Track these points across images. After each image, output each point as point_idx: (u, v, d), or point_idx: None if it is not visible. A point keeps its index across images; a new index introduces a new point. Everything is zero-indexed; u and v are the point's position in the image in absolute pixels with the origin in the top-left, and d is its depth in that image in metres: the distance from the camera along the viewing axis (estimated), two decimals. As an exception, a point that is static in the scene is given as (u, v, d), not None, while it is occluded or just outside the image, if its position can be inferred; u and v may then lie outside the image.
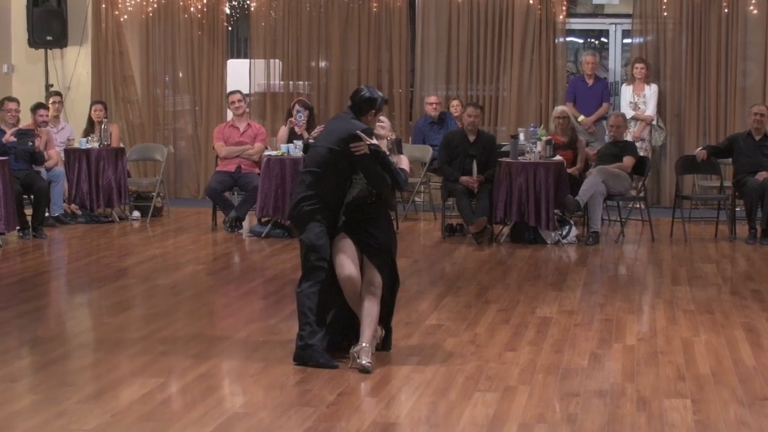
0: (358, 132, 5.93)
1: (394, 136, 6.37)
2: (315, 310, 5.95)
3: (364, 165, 5.96)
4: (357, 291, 5.97)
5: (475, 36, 13.82)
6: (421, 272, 9.25)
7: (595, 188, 10.67)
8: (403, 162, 6.19)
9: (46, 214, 11.40)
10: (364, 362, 5.81)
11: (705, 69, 13.47)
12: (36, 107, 11.89)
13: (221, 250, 10.57)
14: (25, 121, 11.97)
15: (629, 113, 12.72)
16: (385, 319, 6.20)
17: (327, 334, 6.01)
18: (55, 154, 12.04)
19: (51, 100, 12.58)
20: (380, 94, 6.21)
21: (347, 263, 5.95)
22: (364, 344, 5.87)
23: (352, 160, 5.94)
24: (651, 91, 13.12)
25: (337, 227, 6.05)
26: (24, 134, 11.04)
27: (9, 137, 10.76)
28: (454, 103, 13.07)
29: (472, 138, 10.98)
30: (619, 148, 11.14)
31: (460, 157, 10.92)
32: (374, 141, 5.98)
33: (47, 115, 11.98)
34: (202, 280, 8.83)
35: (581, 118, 12.84)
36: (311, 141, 6.38)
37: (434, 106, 12.95)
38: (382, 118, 6.25)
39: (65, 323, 7.45)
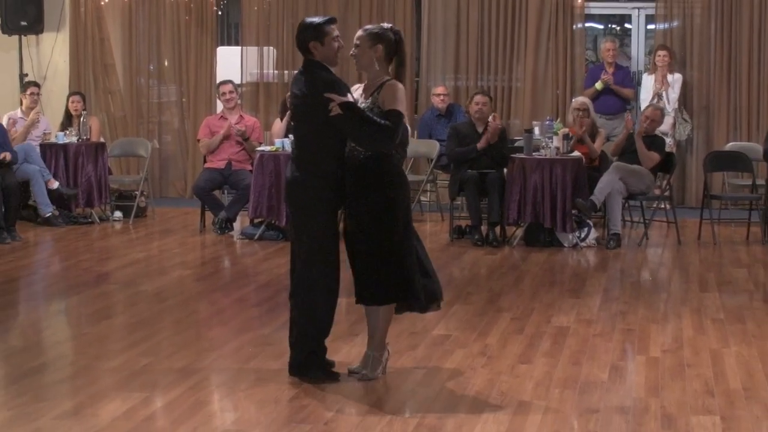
0: (328, 95, 5.68)
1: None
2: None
3: (341, 124, 5.73)
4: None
5: (486, 21, 13.83)
6: (427, 278, 9.25)
7: (612, 186, 10.66)
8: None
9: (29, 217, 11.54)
10: (364, 371, 5.88)
11: (736, 57, 13.48)
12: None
13: (210, 253, 10.57)
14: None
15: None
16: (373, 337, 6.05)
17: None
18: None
19: (29, 92, 12.56)
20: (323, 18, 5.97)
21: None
22: (366, 351, 5.92)
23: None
24: (674, 80, 13.13)
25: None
26: None
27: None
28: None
29: (481, 129, 10.98)
30: (646, 143, 11.07)
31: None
32: (345, 98, 5.71)
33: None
34: (189, 286, 8.84)
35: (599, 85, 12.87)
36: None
37: (442, 97, 12.96)
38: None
39: (41, 333, 7.45)
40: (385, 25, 5.97)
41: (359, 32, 5.89)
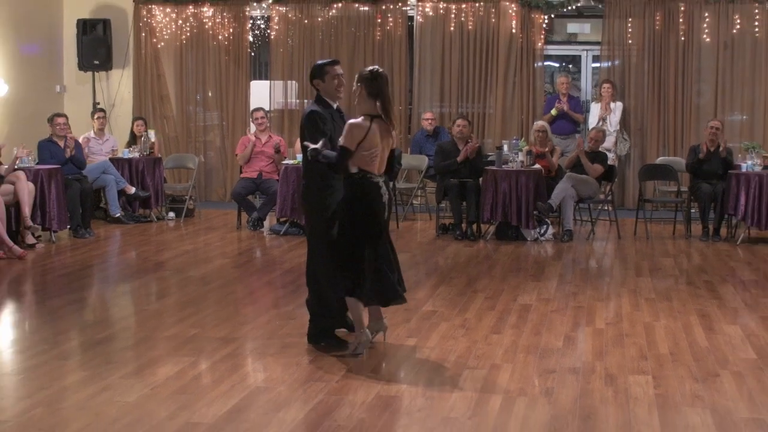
0: (307, 144, 5.64)
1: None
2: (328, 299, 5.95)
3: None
4: None
5: (465, 61, 13.82)
6: (418, 265, 9.26)
7: (566, 193, 10.71)
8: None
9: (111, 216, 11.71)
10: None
11: (664, 89, 13.48)
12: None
13: (245, 246, 10.57)
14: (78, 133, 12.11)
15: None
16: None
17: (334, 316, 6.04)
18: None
19: (96, 115, 12.62)
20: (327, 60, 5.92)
21: None
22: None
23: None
24: (615, 107, 13.15)
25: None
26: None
27: (69, 150, 10.95)
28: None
29: (461, 146, 10.99)
30: (591, 158, 11.15)
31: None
32: (313, 145, 5.59)
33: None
34: (228, 272, 8.84)
35: (554, 112, 12.85)
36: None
37: (429, 121, 12.95)
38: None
39: (110, 309, 7.45)
40: (369, 67, 5.67)
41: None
